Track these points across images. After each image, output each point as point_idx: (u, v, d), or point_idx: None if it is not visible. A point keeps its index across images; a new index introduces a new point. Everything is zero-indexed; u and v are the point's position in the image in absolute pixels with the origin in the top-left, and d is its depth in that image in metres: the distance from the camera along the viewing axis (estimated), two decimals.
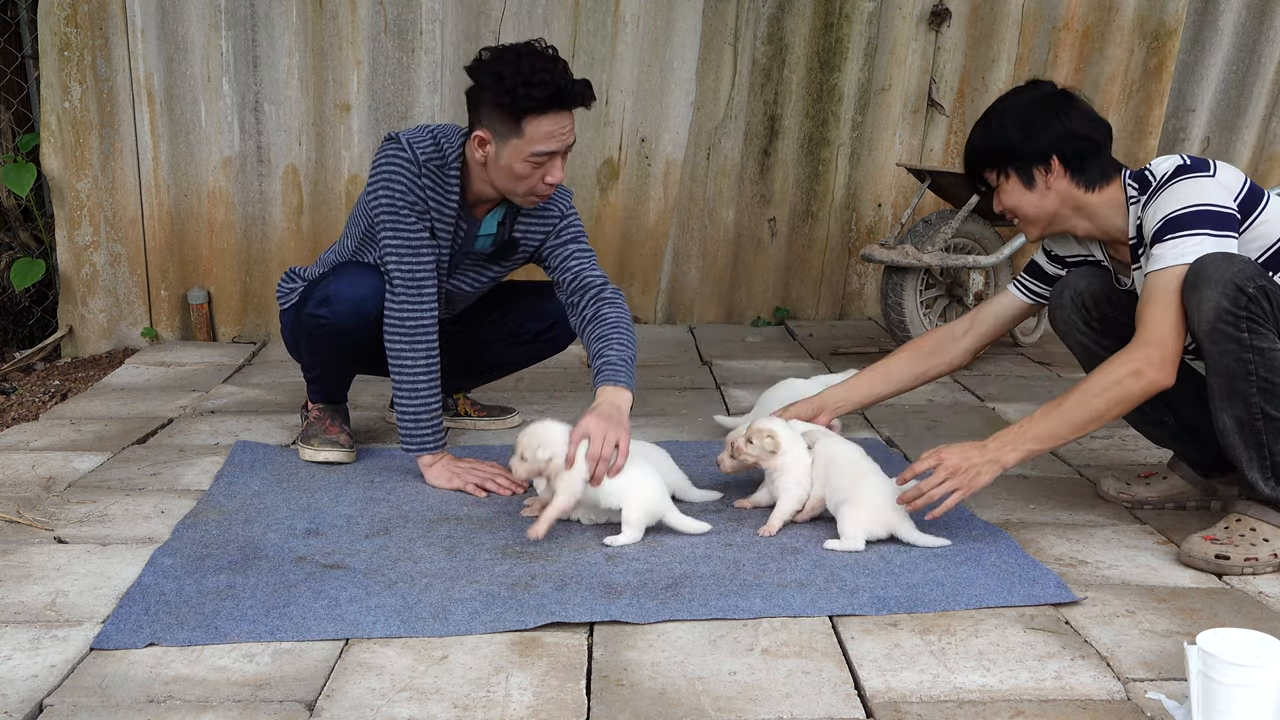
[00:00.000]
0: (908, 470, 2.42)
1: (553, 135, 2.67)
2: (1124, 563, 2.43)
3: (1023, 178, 2.47)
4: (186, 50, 4.42)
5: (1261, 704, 1.66)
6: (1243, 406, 2.32)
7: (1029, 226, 2.54)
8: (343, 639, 2.05)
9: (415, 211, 2.78)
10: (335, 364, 3.05)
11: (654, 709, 1.82)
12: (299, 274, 3.15)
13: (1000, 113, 2.51)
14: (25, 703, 1.83)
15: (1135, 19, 4.94)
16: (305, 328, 2.95)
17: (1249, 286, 2.23)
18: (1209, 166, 2.41)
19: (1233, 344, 2.27)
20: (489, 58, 2.68)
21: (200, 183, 4.55)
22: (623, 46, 4.69)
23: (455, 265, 2.96)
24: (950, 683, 1.91)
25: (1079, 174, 2.47)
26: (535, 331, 3.25)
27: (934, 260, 4.08)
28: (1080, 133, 2.46)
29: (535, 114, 2.64)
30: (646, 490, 2.51)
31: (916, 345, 2.88)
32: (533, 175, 2.72)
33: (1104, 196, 2.49)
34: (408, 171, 2.77)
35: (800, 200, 5.02)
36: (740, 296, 5.11)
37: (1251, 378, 2.29)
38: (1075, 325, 2.65)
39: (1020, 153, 2.46)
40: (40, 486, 2.87)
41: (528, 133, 2.66)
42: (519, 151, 2.68)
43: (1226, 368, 2.30)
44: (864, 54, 4.85)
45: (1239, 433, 2.35)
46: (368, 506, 2.72)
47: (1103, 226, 2.52)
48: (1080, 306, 2.63)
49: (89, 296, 4.54)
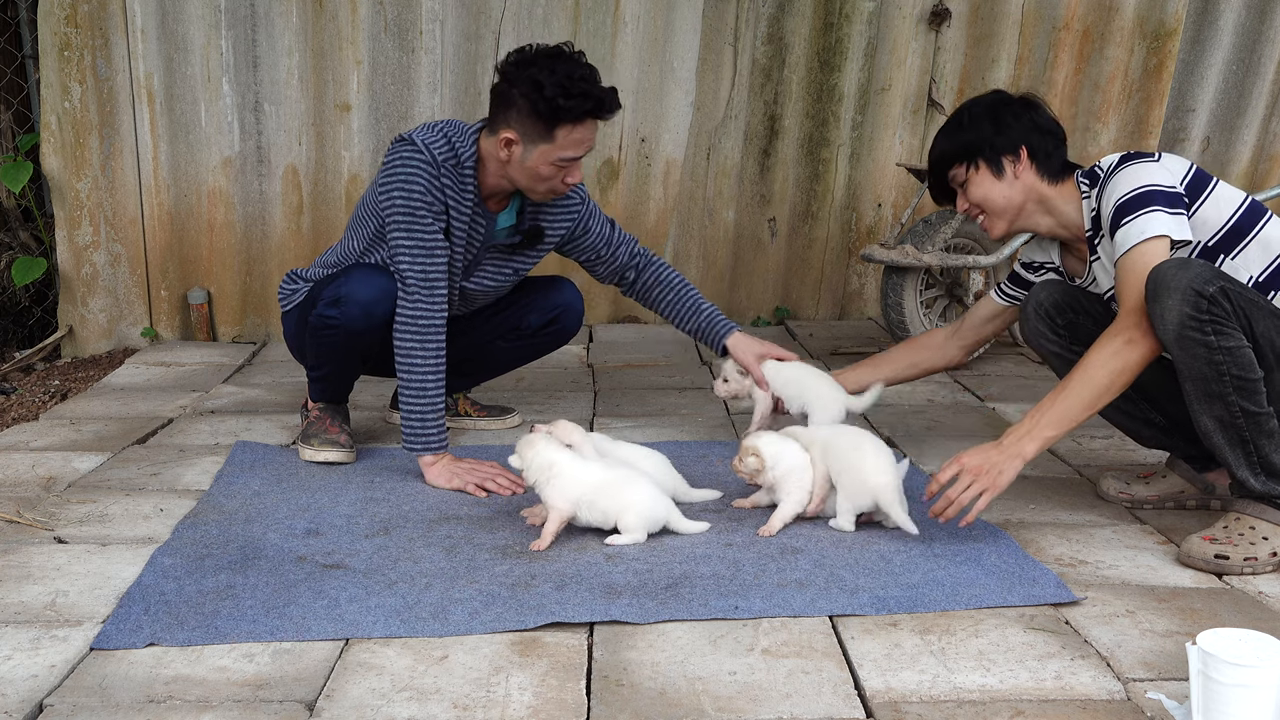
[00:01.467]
0: (932, 483, 2.42)
1: (582, 142, 2.75)
2: (1124, 563, 2.43)
3: (993, 167, 2.57)
4: (186, 50, 4.42)
5: (1261, 704, 1.66)
6: (1221, 407, 2.34)
7: (996, 220, 2.62)
8: (343, 639, 2.05)
9: (432, 213, 2.79)
10: (343, 364, 3.05)
11: (654, 709, 1.82)
12: (301, 275, 3.15)
13: (970, 111, 2.64)
14: (25, 703, 1.83)
15: (1135, 19, 4.94)
16: (314, 328, 2.95)
17: (1207, 289, 2.26)
18: (1154, 155, 2.53)
19: (1201, 348, 2.29)
20: (526, 61, 2.71)
21: (200, 183, 4.55)
22: (623, 46, 4.69)
23: (478, 262, 2.97)
24: (950, 683, 1.91)
25: (1043, 166, 2.59)
26: (537, 325, 3.25)
27: (934, 260, 4.08)
28: (1046, 127, 2.61)
29: (571, 123, 2.70)
30: (643, 504, 2.48)
31: (910, 346, 3.05)
32: (555, 177, 2.79)
33: (1063, 191, 2.60)
34: (426, 173, 2.78)
35: (800, 200, 5.02)
36: (740, 296, 5.11)
37: (1225, 378, 2.31)
38: (1043, 334, 2.73)
39: (992, 143, 2.57)
40: (40, 486, 2.87)
41: (559, 139, 2.72)
42: (546, 156, 2.74)
43: (1199, 372, 2.32)
44: (864, 54, 4.85)
45: (1222, 433, 2.37)
46: (368, 506, 2.72)
47: (1062, 221, 2.62)
48: (1045, 315, 2.71)
49: (89, 296, 4.54)
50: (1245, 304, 2.30)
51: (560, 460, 2.48)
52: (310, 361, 3.11)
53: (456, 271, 2.92)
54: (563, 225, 3.04)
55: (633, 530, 2.47)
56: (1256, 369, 2.31)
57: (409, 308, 2.82)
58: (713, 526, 2.58)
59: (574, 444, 2.58)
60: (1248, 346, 2.30)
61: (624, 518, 2.46)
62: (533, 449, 2.50)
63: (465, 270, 2.96)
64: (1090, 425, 3.46)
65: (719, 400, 3.77)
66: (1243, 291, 2.31)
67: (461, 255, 2.90)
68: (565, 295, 3.25)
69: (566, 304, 3.24)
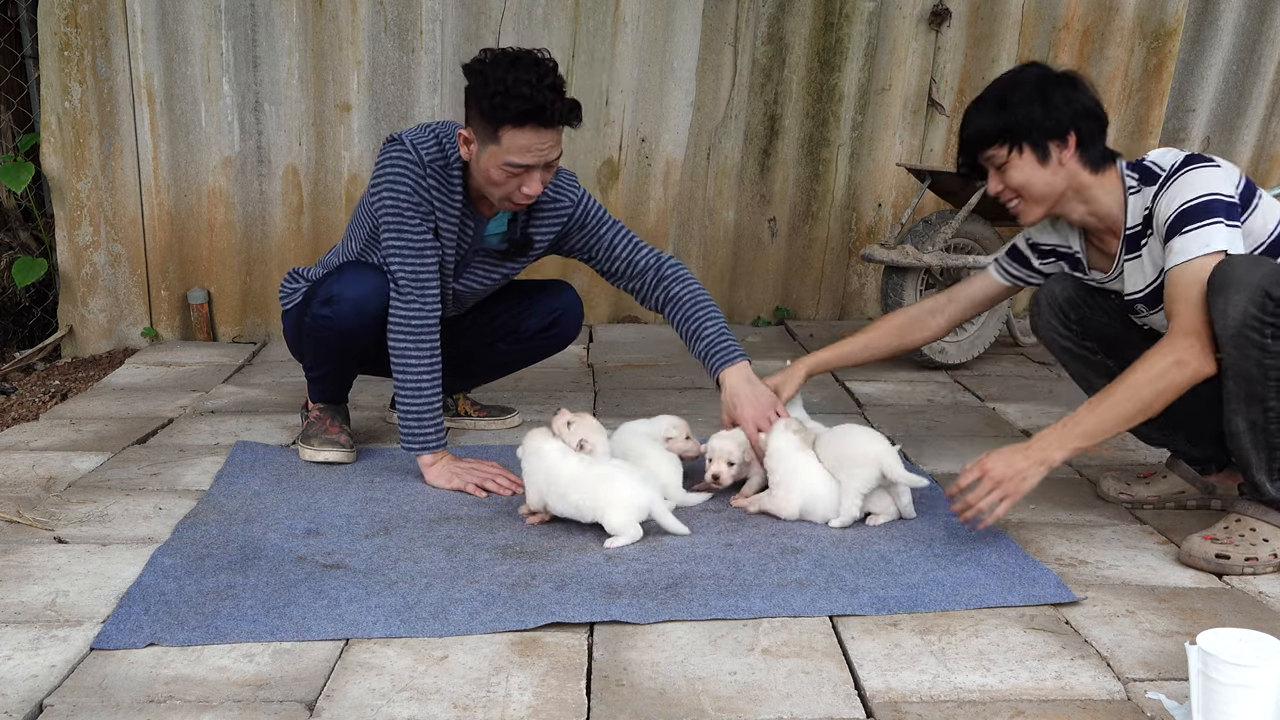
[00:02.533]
0: (953, 485, 2.41)
1: (528, 150, 2.63)
2: (1124, 563, 2.43)
3: (1038, 153, 2.44)
4: (186, 50, 4.42)
5: (1261, 704, 1.66)
6: (1259, 410, 2.33)
7: (1033, 207, 2.50)
8: (343, 639, 2.05)
9: (420, 213, 2.78)
10: (339, 363, 3.05)
11: (654, 709, 1.82)
12: (302, 274, 3.16)
13: (1015, 87, 2.47)
14: (25, 703, 1.83)
15: (1135, 19, 4.94)
16: (309, 328, 2.95)
17: (1276, 291, 2.23)
18: (1215, 160, 2.43)
19: (1255, 349, 2.26)
20: (487, 60, 2.65)
21: (200, 183, 4.55)
22: (623, 46, 4.69)
23: (466, 264, 2.96)
24: (950, 683, 1.91)
25: (1087, 154, 2.46)
26: (536, 328, 3.24)
27: (934, 260, 4.08)
28: (1094, 111, 2.47)
29: (511, 126, 2.60)
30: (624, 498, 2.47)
31: (893, 319, 2.92)
32: (508, 183, 2.69)
33: (1104, 181, 2.49)
34: (412, 173, 2.76)
35: (800, 200, 5.02)
36: (740, 296, 5.11)
37: (1271, 382, 2.29)
38: (1055, 329, 2.68)
39: (1040, 126, 2.43)
40: (40, 486, 2.87)
41: (504, 142, 2.63)
42: (495, 158, 2.66)
43: (1247, 372, 2.30)
44: (864, 54, 4.85)
45: (1250, 434, 2.36)
46: (368, 506, 2.72)
47: (1098, 211, 2.52)
48: (1058, 310, 2.66)
49: (89, 296, 4.54)
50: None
51: (545, 449, 2.55)
52: (308, 361, 3.11)
53: (447, 273, 2.92)
54: (551, 231, 3.00)
55: (620, 530, 2.47)
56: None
57: (402, 308, 2.81)
58: (713, 526, 2.58)
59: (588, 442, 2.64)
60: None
61: (608, 518, 2.47)
62: (532, 440, 2.58)
63: (455, 271, 2.95)
64: None
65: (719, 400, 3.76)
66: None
67: (452, 256, 2.90)
68: (564, 299, 3.23)
69: (565, 308, 3.23)
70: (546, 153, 2.65)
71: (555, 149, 2.67)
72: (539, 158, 2.65)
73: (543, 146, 2.64)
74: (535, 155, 2.64)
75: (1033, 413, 3.62)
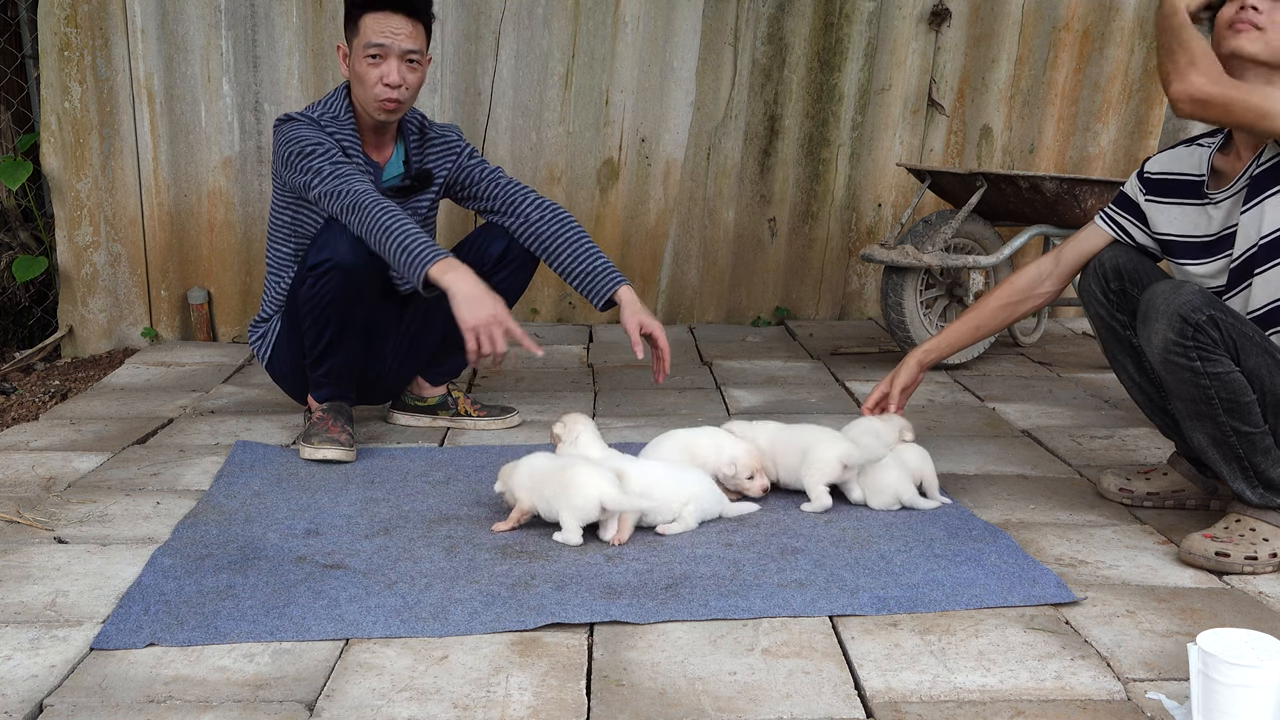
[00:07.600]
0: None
1: (382, 31, 2.96)
2: (1124, 563, 2.43)
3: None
4: (186, 50, 4.42)
5: (1261, 704, 1.66)
6: (1213, 426, 2.35)
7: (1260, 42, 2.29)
8: (343, 639, 2.05)
9: (326, 145, 2.98)
10: (345, 332, 3.04)
11: (654, 709, 1.82)
12: (262, 316, 3.28)
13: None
14: (25, 703, 1.83)
15: (1135, 19, 4.94)
16: (307, 298, 2.99)
17: (1195, 316, 2.25)
18: None
19: (1186, 373, 2.30)
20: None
21: (200, 183, 4.55)
22: (623, 46, 4.69)
23: None
24: (950, 683, 1.91)
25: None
26: (498, 254, 3.23)
27: (934, 260, 4.08)
28: None
29: (369, 11, 2.97)
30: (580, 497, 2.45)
31: (999, 294, 2.83)
32: (370, 75, 2.98)
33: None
34: (310, 128, 3.01)
35: (800, 200, 5.02)
36: (740, 296, 5.11)
37: (1214, 401, 2.32)
38: (1093, 294, 2.66)
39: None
40: (40, 486, 2.87)
41: (363, 29, 2.98)
42: (359, 52, 2.98)
43: (1187, 394, 2.33)
44: (864, 54, 4.85)
45: (1215, 448, 2.39)
46: (368, 506, 2.72)
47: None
48: (1100, 277, 2.64)
49: (89, 296, 4.54)
50: (1237, 335, 2.29)
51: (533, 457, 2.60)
52: (310, 342, 3.07)
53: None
54: (447, 162, 3.24)
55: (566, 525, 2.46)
56: (1249, 392, 2.31)
57: (346, 195, 2.87)
58: (713, 526, 2.58)
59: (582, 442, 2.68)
60: (1237, 371, 2.30)
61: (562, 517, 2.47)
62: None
63: None
64: (1091, 424, 3.47)
65: (719, 401, 3.77)
66: (1236, 324, 2.30)
67: None
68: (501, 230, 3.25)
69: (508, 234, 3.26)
70: (402, 39, 2.98)
71: (411, 39, 2.99)
72: (392, 39, 2.97)
73: (397, 31, 2.97)
74: (388, 36, 2.97)
75: (1033, 413, 3.62)
